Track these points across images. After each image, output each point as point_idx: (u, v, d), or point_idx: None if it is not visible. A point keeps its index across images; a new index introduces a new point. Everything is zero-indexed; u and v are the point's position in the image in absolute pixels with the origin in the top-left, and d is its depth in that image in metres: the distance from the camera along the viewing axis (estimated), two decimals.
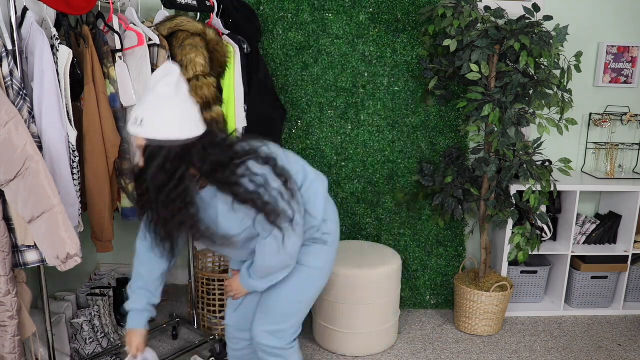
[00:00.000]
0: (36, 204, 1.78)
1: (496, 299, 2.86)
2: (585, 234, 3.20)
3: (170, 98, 1.45)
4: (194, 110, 1.50)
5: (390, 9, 2.92)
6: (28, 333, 2.06)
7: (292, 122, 3.04)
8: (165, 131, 1.45)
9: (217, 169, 1.52)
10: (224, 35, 2.52)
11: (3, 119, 1.72)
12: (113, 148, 2.14)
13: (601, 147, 3.28)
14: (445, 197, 2.86)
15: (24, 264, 1.94)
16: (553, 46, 2.58)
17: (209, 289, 2.81)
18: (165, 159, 1.46)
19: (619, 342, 2.92)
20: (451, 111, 3.04)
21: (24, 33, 1.91)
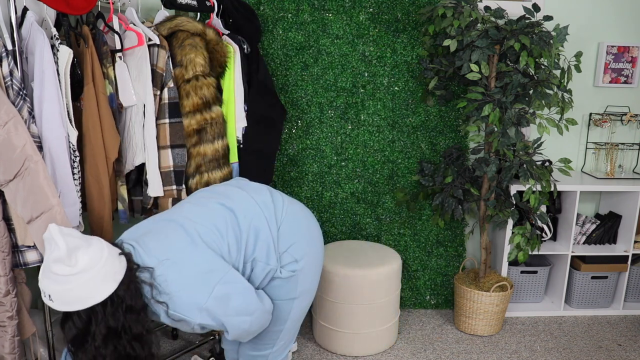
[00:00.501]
0: (35, 204, 1.78)
1: (496, 299, 2.86)
2: (585, 234, 3.20)
3: (67, 276, 1.38)
4: (98, 269, 1.41)
5: (390, 9, 2.92)
6: (28, 333, 2.06)
7: (292, 122, 3.04)
8: (75, 304, 1.40)
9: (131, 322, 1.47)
10: (224, 35, 2.52)
11: (2, 119, 1.72)
12: (113, 148, 2.14)
13: (601, 147, 3.28)
14: (445, 197, 2.86)
15: (24, 264, 1.94)
16: (553, 46, 2.58)
17: None
18: (87, 325, 1.42)
19: (619, 342, 2.92)
20: (451, 111, 3.04)
21: (24, 33, 1.91)
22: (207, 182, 2.40)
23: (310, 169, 3.09)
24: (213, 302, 1.54)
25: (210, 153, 2.39)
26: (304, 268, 1.77)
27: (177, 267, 1.52)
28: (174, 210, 1.71)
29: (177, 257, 1.54)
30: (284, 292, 1.76)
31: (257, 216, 1.69)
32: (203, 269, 1.55)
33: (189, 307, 1.51)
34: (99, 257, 1.42)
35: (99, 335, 1.41)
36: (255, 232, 1.68)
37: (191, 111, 2.32)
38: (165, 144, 2.32)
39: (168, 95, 2.28)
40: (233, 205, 1.70)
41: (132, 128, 2.26)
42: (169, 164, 2.34)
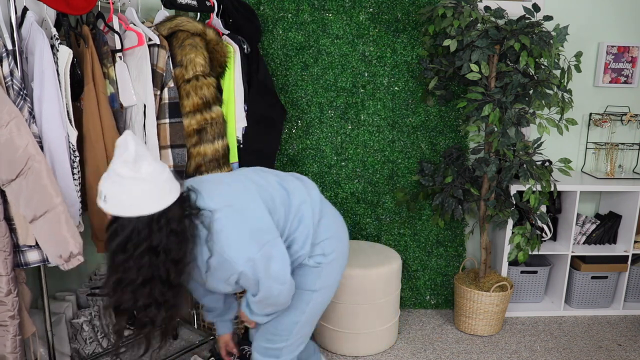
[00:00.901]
0: (38, 203, 1.78)
1: (496, 299, 2.87)
2: (585, 234, 3.20)
3: (129, 179, 1.42)
4: (157, 183, 1.45)
5: (390, 9, 2.92)
6: (28, 333, 2.07)
7: (292, 122, 3.04)
8: (126, 209, 1.44)
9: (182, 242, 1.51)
10: (224, 35, 2.52)
11: (4, 119, 1.72)
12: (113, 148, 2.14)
13: (601, 147, 3.28)
14: (445, 197, 2.86)
15: (25, 264, 1.94)
16: (553, 46, 2.58)
17: None
18: (131, 233, 1.46)
19: (619, 342, 2.92)
20: (451, 111, 3.04)
21: (24, 33, 1.91)
22: None
23: (310, 169, 3.09)
24: (260, 257, 1.60)
25: (210, 153, 2.39)
26: (330, 263, 1.84)
27: (239, 215, 1.60)
28: (237, 171, 1.82)
29: (240, 206, 1.61)
30: (307, 281, 1.82)
31: (305, 204, 1.79)
32: (260, 226, 1.62)
33: (239, 254, 1.57)
34: (161, 172, 1.46)
35: (139, 246, 1.45)
36: (300, 216, 1.77)
37: (191, 111, 2.32)
38: (166, 144, 2.32)
39: (168, 95, 2.28)
40: (288, 187, 1.80)
41: (132, 128, 2.26)
42: (169, 163, 2.34)
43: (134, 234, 1.45)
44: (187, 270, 1.54)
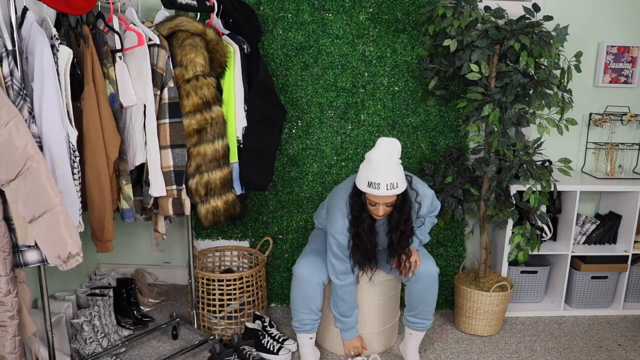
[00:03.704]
0: (37, 203, 1.78)
1: (496, 299, 2.87)
2: (585, 234, 3.20)
3: (397, 164, 2.21)
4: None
5: (390, 9, 2.92)
6: (28, 333, 2.06)
7: (292, 122, 3.04)
8: (403, 186, 2.25)
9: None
10: (224, 35, 2.52)
11: (4, 119, 1.72)
12: (113, 148, 2.14)
13: (601, 147, 3.28)
14: (445, 197, 2.86)
15: (25, 264, 1.94)
16: (553, 46, 2.58)
17: (209, 289, 2.81)
18: (405, 199, 2.30)
19: (619, 342, 2.92)
20: (451, 111, 3.04)
21: (24, 33, 1.91)
22: (207, 182, 2.40)
23: (310, 169, 3.09)
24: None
25: (210, 153, 2.39)
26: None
27: (422, 184, 2.48)
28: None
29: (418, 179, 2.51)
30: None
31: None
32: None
33: (430, 194, 2.49)
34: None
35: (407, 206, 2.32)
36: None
37: (191, 111, 2.32)
38: (166, 144, 2.32)
39: (168, 95, 2.28)
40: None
41: (132, 128, 2.26)
42: (169, 164, 2.34)
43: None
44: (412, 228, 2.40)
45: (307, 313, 2.49)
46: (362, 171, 2.25)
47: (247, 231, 3.20)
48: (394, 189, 2.19)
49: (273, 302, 3.27)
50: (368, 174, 2.21)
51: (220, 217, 2.49)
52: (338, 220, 2.36)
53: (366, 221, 2.32)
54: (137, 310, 2.97)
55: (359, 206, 2.31)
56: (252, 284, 2.86)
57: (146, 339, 2.82)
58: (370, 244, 2.36)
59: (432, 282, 2.46)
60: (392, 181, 2.18)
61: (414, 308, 2.52)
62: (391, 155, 2.19)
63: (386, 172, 2.18)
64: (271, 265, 3.22)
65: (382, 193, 2.18)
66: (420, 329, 2.56)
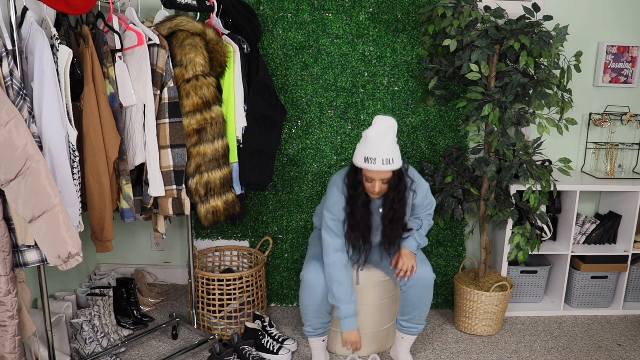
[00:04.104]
0: (37, 203, 1.78)
1: (496, 299, 2.87)
2: (585, 234, 3.20)
3: (393, 142, 2.28)
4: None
5: (390, 9, 2.92)
6: (28, 333, 2.07)
7: (292, 122, 3.04)
8: (398, 163, 2.30)
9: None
10: (224, 35, 2.52)
11: (4, 119, 1.72)
12: (113, 148, 2.14)
13: (601, 147, 3.28)
14: (445, 197, 2.86)
15: (25, 264, 1.94)
16: (553, 46, 2.58)
17: (209, 289, 2.81)
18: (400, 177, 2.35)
19: (619, 342, 2.92)
20: (451, 111, 3.04)
21: (24, 33, 1.91)
22: (207, 182, 2.40)
23: (310, 169, 3.09)
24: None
25: (210, 153, 2.39)
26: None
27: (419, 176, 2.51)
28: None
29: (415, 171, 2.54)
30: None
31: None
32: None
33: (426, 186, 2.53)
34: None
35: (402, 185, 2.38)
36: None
37: (191, 111, 2.32)
38: (166, 144, 2.32)
39: (168, 95, 2.28)
40: None
41: (132, 128, 2.26)
42: (169, 164, 2.34)
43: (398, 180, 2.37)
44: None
45: (319, 318, 2.49)
46: (359, 148, 2.31)
47: (247, 231, 3.20)
48: (390, 165, 2.25)
49: (273, 302, 3.27)
50: (365, 150, 2.27)
51: (220, 217, 2.49)
52: (334, 195, 2.40)
53: (361, 198, 2.36)
54: (137, 310, 2.97)
55: (355, 184, 2.36)
56: (252, 284, 2.87)
57: (146, 339, 2.82)
58: (364, 224, 2.39)
59: (427, 288, 2.46)
60: (388, 157, 2.24)
61: (408, 313, 2.52)
62: (388, 132, 2.25)
63: (382, 148, 2.24)
64: (271, 265, 3.22)
65: (378, 168, 2.24)
66: (412, 333, 2.56)
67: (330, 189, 2.45)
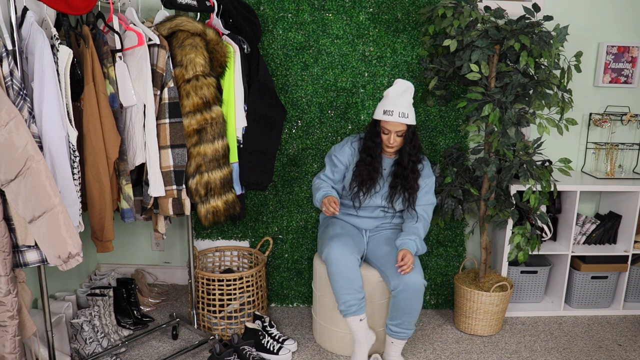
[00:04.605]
0: (37, 203, 1.78)
1: (496, 299, 2.87)
2: (585, 234, 3.20)
3: (409, 101, 2.54)
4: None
5: (390, 9, 2.92)
6: (28, 333, 2.07)
7: (292, 122, 3.04)
8: (413, 120, 2.54)
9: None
10: (224, 35, 2.52)
11: (4, 119, 1.72)
12: (113, 148, 2.14)
13: (601, 147, 3.28)
14: (445, 197, 2.86)
15: (25, 264, 1.94)
16: (553, 46, 2.58)
17: (209, 289, 2.81)
18: (414, 133, 2.59)
19: (619, 342, 2.92)
20: (451, 111, 3.04)
21: (24, 33, 1.91)
22: (207, 182, 2.40)
23: (310, 169, 3.09)
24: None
25: (210, 153, 2.39)
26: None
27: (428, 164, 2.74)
28: None
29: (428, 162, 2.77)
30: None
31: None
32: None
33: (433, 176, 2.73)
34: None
35: (415, 140, 2.62)
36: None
37: (191, 111, 2.32)
38: (166, 144, 2.32)
39: (168, 95, 2.28)
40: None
41: (132, 128, 2.26)
42: (169, 164, 2.34)
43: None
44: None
45: (351, 293, 2.47)
46: (379, 105, 2.57)
47: (247, 231, 3.20)
48: (405, 118, 2.49)
49: (273, 302, 3.27)
50: (384, 105, 2.53)
51: (220, 217, 2.49)
52: (344, 144, 2.70)
53: (377, 149, 2.59)
54: (137, 310, 2.97)
55: (373, 135, 2.58)
56: (252, 284, 2.87)
57: (146, 339, 2.82)
58: (373, 167, 2.60)
59: (417, 294, 2.46)
60: (404, 111, 2.50)
61: (397, 317, 2.52)
62: (405, 92, 2.53)
63: (400, 103, 2.50)
64: (271, 265, 3.22)
65: (395, 119, 2.49)
66: (401, 337, 2.56)
67: (342, 141, 2.76)
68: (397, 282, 2.45)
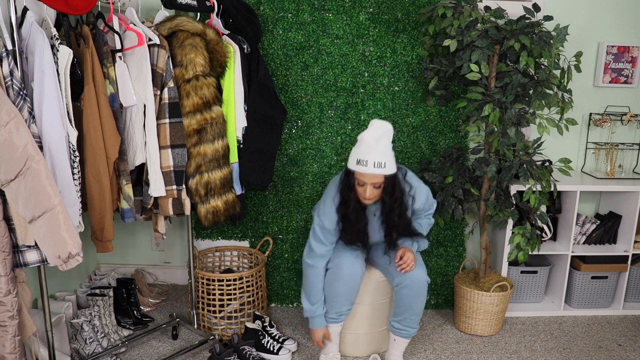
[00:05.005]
0: (37, 203, 1.78)
1: (496, 299, 2.87)
2: (585, 234, 3.20)
3: (387, 147, 2.25)
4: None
5: (390, 9, 2.92)
6: (28, 333, 2.07)
7: (292, 122, 3.04)
8: (391, 169, 2.28)
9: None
10: (224, 35, 2.52)
11: (4, 119, 1.72)
12: (113, 148, 2.14)
13: (601, 147, 3.28)
14: (445, 197, 2.86)
15: (25, 264, 1.94)
16: (553, 46, 2.58)
17: (209, 289, 2.81)
18: (394, 184, 2.32)
19: (619, 342, 2.92)
20: (451, 111, 3.04)
21: (24, 33, 1.91)
22: (207, 182, 2.40)
23: (310, 169, 3.09)
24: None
25: (211, 153, 2.39)
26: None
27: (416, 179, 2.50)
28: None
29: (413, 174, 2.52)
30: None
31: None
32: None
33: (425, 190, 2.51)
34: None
35: (398, 191, 2.35)
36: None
37: (191, 111, 2.32)
38: (166, 144, 2.32)
39: (168, 95, 2.28)
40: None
41: (132, 128, 2.26)
42: (169, 164, 2.34)
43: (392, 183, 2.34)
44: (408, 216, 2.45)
45: (347, 305, 2.52)
46: (353, 152, 2.31)
47: (247, 231, 3.20)
48: (381, 168, 2.23)
49: (273, 302, 3.27)
50: (358, 153, 2.27)
51: (220, 217, 2.49)
52: (326, 202, 2.43)
53: (353, 203, 2.34)
54: (137, 310, 2.97)
55: (347, 187, 2.34)
56: (252, 284, 2.87)
57: (146, 339, 2.82)
58: (358, 228, 2.40)
59: (420, 290, 2.45)
60: (380, 160, 2.23)
61: (400, 314, 2.52)
62: (382, 136, 2.25)
63: (375, 151, 2.23)
64: (271, 265, 3.22)
65: (369, 171, 2.22)
66: (404, 336, 2.55)
67: (324, 196, 2.48)
68: (400, 278, 2.45)
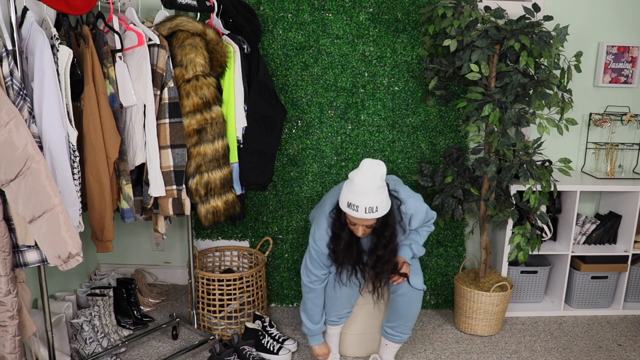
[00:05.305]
0: (37, 203, 1.78)
1: (496, 299, 2.87)
2: (585, 234, 3.20)
3: (379, 188, 2.16)
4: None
5: (390, 9, 2.92)
6: (28, 333, 2.07)
7: (292, 122, 3.04)
8: (384, 210, 2.20)
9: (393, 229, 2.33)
10: (224, 35, 2.52)
11: (4, 119, 1.72)
12: (113, 148, 2.14)
13: (601, 147, 3.28)
14: (445, 197, 2.86)
15: (25, 264, 1.94)
16: (553, 46, 2.58)
17: (209, 289, 2.81)
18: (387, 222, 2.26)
19: (619, 342, 2.92)
20: (451, 111, 3.04)
21: (24, 33, 1.91)
22: (207, 182, 2.40)
23: (310, 169, 3.09)
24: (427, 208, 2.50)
25: (210, 153, 2.39)
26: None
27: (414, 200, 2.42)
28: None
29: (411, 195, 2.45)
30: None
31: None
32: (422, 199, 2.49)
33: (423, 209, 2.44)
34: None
35: (388, 231, 2.28)
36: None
37: (191, 111, 2.32)
38: (166, 144, 2.32)
39: (168, 95, 2.28)
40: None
41: (132, 128, 2.26)
42: (169, 164, 2.34)
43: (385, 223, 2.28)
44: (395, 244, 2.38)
45: (348, 308, 2.55)
46: (345, 190, 2.21)
47: (247, 231, 3.20)
48: (373, 213, 2.16)
49: (273, 302, 3.27)
50: (349, 195, 2.18)
51: (220, 217, 2.49)
52: (322, 228, 2.35)
53: (344, 239, 2.30)
54: (137, 310, 2.97)
55: (339, 223, 2.29)
56: (252, 284, 2.87)
57: (146, 339, 2.82)
58: (348, 260, 2.34)
59: (416, 298, 2.46)
60: (372, 205, 2.15)
61: (394, 320, 2.52)
62: (373, 179, 2.15)
63: (366, 196, 2.14)
64: (271, 265, 3.22)
65: (360, 216, 2.16)
66: (396, 341, 2.56)
67: (320, 218, 2.38)
68: (397, 286, 2.44)
